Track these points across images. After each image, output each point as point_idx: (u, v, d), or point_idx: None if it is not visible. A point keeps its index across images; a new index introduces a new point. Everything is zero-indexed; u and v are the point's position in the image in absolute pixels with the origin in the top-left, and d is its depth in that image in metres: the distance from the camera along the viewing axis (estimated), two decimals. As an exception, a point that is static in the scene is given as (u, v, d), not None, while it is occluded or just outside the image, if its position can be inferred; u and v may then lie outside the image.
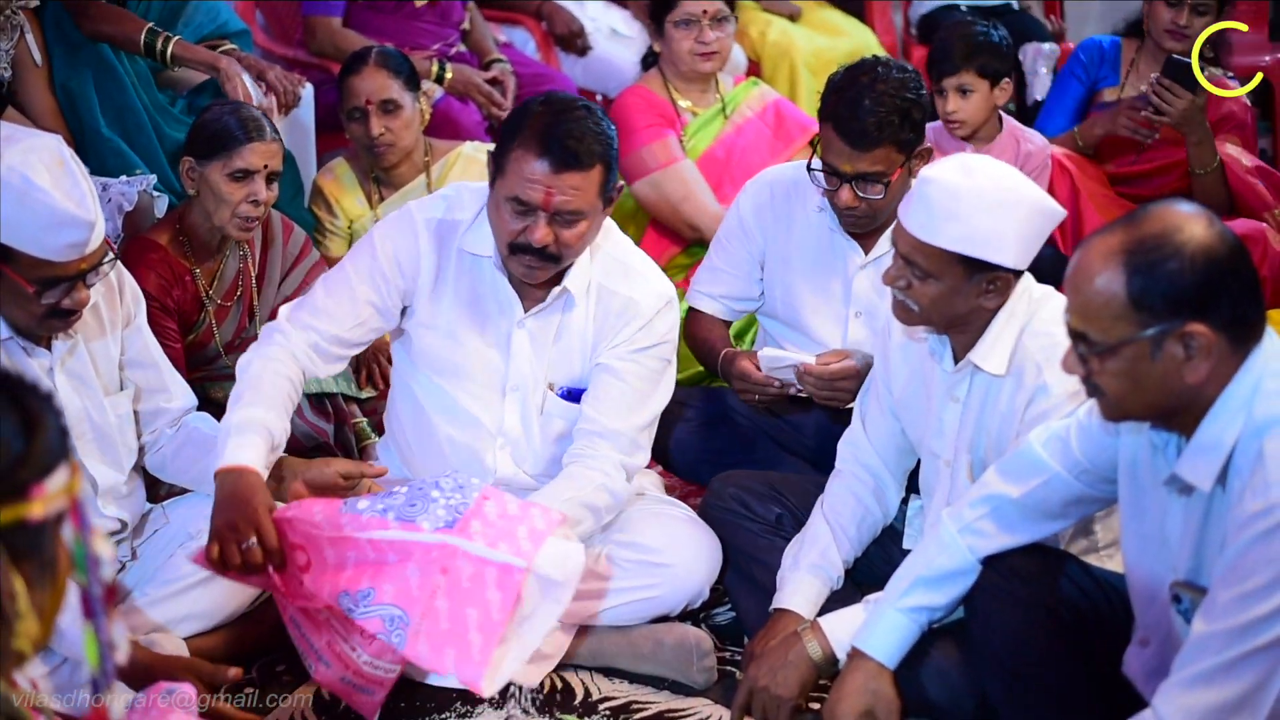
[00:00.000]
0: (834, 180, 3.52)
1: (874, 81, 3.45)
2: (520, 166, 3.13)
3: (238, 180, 3.78)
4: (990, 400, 3.01)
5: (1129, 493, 2.59)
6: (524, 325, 3.35)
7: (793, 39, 6.09)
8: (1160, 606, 2.54)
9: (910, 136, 3.47)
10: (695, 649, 3.30)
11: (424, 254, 3.34)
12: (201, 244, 3.92)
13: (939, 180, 2.88)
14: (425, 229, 3.34)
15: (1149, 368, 2.32)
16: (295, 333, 3.30)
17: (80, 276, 3.00)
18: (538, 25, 5.84)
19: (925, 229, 2.88)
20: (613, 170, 3.21)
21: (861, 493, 3.29)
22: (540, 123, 3.13)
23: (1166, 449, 2.46)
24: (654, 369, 3.38)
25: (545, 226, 3.15)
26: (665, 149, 4.75)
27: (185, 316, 3.90)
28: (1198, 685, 2.31)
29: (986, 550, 2.81)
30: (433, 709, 3.22)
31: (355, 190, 4.57)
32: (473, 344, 3.37)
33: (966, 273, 2.89)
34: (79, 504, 1.64)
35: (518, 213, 3.15)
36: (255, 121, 3.80)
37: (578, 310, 3.34)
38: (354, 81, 4.45)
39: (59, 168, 2.92)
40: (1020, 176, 2.97)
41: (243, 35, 4.58)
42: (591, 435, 3.33)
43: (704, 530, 3.44)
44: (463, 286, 3.35)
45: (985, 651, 2.82)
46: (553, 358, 3.38)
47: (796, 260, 3.73)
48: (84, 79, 4.17)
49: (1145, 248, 2.31)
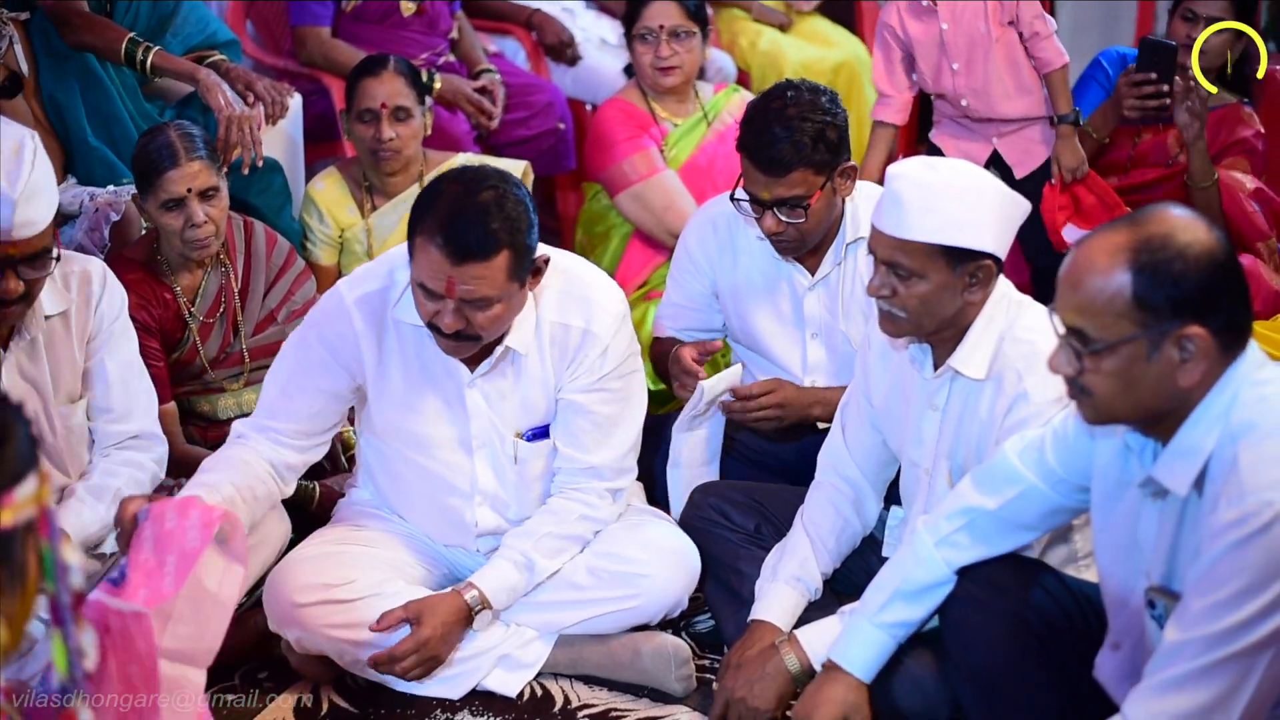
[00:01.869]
0: (757, 208, 3.55)
1: (784, 107, 3.48)
2: (423, 255, 3.04)
3: (171, 210, 3.77)
4: (969, 408, 3.02)
5: (1102, 497, 2.60)
6: (474, 386, 3.29)
7: (782, 49, 6.09)
8: (1132, 611, 2.55)
9: (825, 157, 3.49)
10: (673, 657, 3.32)
11: (360, 334, 3.26)
12: (180, 262, 3.90)
13: (907, 176, 2.91)
14: (356, 308, 3.26)
15: (1144, 369, 2.32)
16: (256, 436, 3.26)
17: (8, 263, 3.00)
18: (528, 35, 5.83)
19: (902, 226, 2.90)
20: (525, 250, 3.08)
21: (841, 504, 3.30)
22: (443, 208, 3.04)
23: (1142, 453, 2.47)
24: (619, 392, 3.33)
25: (453, 314, 3.06)
26: (646, 160, 4.75)
27: (168, 335, 3.88)
28: (1169, 690, 2.32)
29: (962, 562, 2.82)
30: (413, 715, 3.24)
31: (347, 199, 4.57)
32: (429, 410, 3.31)
33: (950, 265, 2.91)
34: (48, 513, 1.65)
35: (426, 297, 3.09)
36: (169, 147, 3.75)
37: (530, 358, 3.27)
38: (370, 84, 4.42)
39: (12, 153, 2.95)
40: (982, 169, 3.04)
41: (232, 45, 4.59)
42: (573, 474, 3.34)
43: (683, 540, 3.44)
44: (408, 354, 3.29)
45: (959, 661, 2.83)
46: (513, 407, 3.32)
47: (745, 289, 3.77)
48: (70, 89, 4.18)
49: (1151, 247, 2.31)
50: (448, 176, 3.17)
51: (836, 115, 3.52)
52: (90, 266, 3.32)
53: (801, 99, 3.50)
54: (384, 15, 5.13)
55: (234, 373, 4.00)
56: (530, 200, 3.13)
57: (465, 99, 5.14)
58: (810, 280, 3.68)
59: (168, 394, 3.80)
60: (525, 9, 5.84)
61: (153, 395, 3.46)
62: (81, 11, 4.19)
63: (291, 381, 3.30)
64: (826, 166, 3.49)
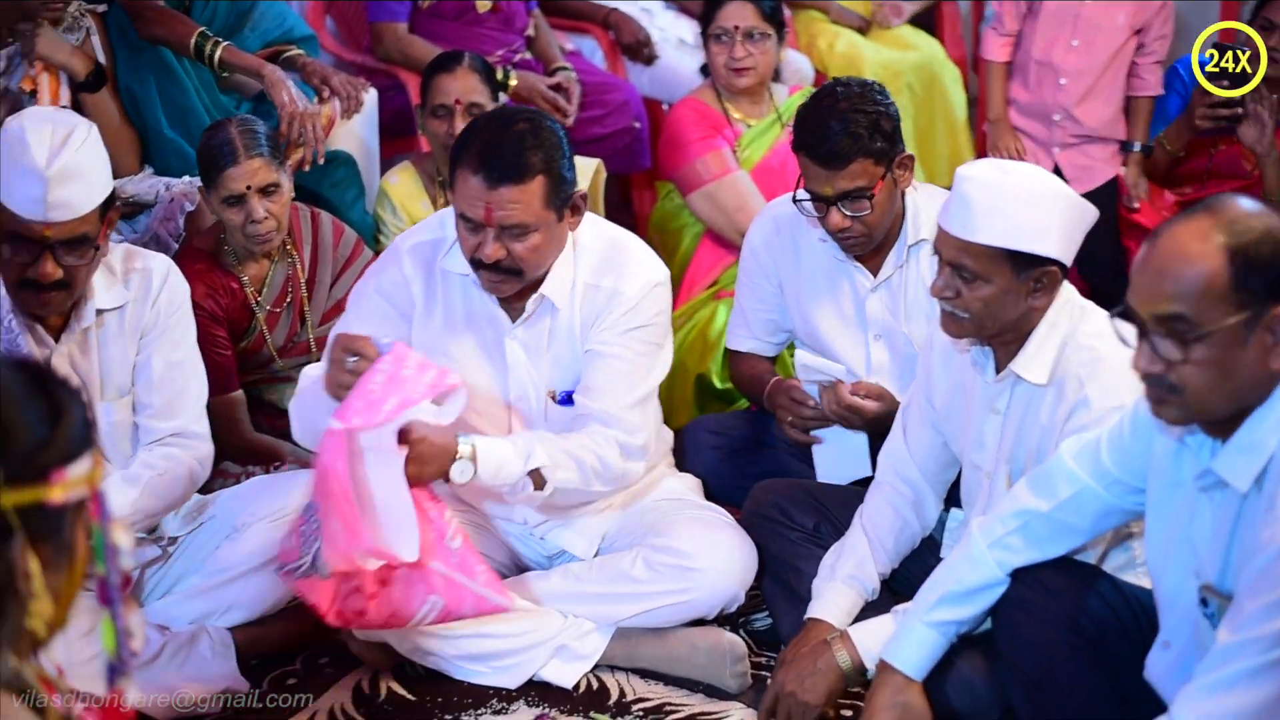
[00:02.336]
0: (820, 206, 3.55)
1: (836, 102, 3.49)
2: (462, 184, 3.15)
3: (232, 206, 3.83)
4: (1030, 412, 3.01)
5: (1157, 494, 2.58)
6: (515, 337, 3.35)
7: (860, 51, 6.08)
8: (1184, 609, 2.53)
9: (883, 146, 3.49)
10: (729, 653, 3.34)
11: (411, 279, 3.35)
12: (246, 253, 3.96)
13: (977, 178, 2.90)
14: (408, 255, 3.36)
15: (1239, 355, 2.28)
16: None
17: (45, 244, 3.04)
18: (605, 34, 5.86)
19: (969, 228, 2.90)
20: (562, 179, 3.19)
21: (900, 505, 3.30)
22: (479, 139, 3.16)
23: (1199, 451, 2.45)
24: (641, 351, 3.35)
25: (494, 242, 3.15)
26: (719, 160, 4.76)
27: (235, 324, 3.94)
28: (1219, 691, 2.29)
29: (1015, 564, 2.81)
30: (470, 704, 3.27)
31: (421, 193, 4.61)
32: (469, 362, 3.36)
33: (1014, 270, 2.90)
34: (99, 494, 1.69)
35: (469, 230, 3.17)
36: (229, 145, 3.81)
37: (563, 314, 3.33)
38: (445, 80, 4.46)
39: (61, 135, 3.01)
40: (1052, 175, 3.02)
41: (310, 40, 4.64)
42: (587, 420, 3.34)
43: (739, 535, 3.46)
44: (452, 306, 3.36)
45: (1010, 663, 2.83)
46: (548, 364, 3.38)
47: (808, 290, 3.76)
48: (146, 82, 4.25)
49: (1239, 230, 2.27)
50: (481, 117, 3.32)
51: (888, 105, 3.53)
52: (153, 263, 3.35)
53: (851, 93, 3.51)
54: (460, 12, 5.17)
55: (301, 362, 4.02)
56: (565, 134, 3.24)
57: (540, 96, 5.17)
58: (872, 282, 3.67)
59: (235, 382, 3.86)
60: (603, 8, 5.87)
61: (202, 395, 3.45)
62: (155, 5, 4.26)
63: (353, 331, 3.32)
64: (885, 156, 3.49)
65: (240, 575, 3.32)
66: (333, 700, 3.30)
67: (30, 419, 1.62)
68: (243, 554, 3.32)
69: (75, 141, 3.02)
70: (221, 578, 3.33)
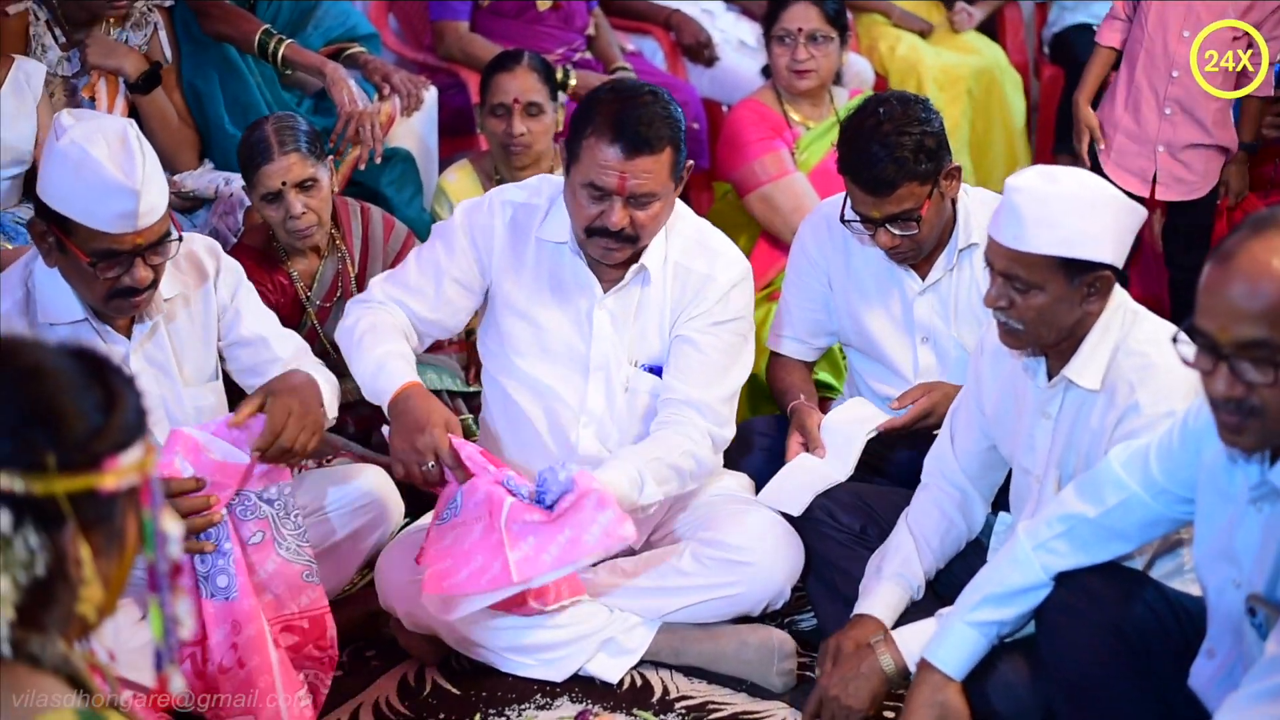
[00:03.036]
0: (869, 226, 3.56)
1: (879, 124, 3.47)
2: (594, 154, 3.23)
3: (271, 203, 3.87)
4: (1081, 417, 3.01)
5: (1206, 504, 2.57)
6: (604, 305, 3.42)
7: (921, 55, 6.08)
8: (1230, 618, 2.52)
9: (928, 167, 3.48)
10: (778, 650, 3.35)
11: (497, 231, 3.45)
12: (294, 248, 4.00)
13: (1026, 189, 2.89)
14: (501, 209, 3.46)
15: None
16: (392, 305, 3.43)
17: (137, 252, 3.05)
18: (666, 35, 5.88)
19: (1020, 239, 2.89)
20: (682, 151, 3.31)
21: (947, 506, 3.31)
22: (610, 110, 3.25)
23: (1249, 463, 2.42)
24: (731, 343, 3.45)
25: (621, 210, 3.25)
26: (777, 162, 4.77)
27: (287, 320, 3.89)
28: (1264, 701, 2.28)
29: (1059, 568, 2.81)
30: (514, 699, 3.30)
31: (478, 191, 4.63)
32: (555, 326, 3.45)
33: (1068, 277, 2.89)
34: (150, 482, 1.72)
35: (594, 198, 3.26)
36: (264, 142, 3.84)
37: (655, 287, 3.42)
38: (504, 79, 4.51)
39: (119, 144, 3.00)
40: (1099, 178, 3.00)
41: (372, 39, 4.69)
42: (678, 404, 3.40)
43: (786, 530, 3.47)
44: (542, 272, 3.45)
45: (1053, 668, 2.83)
46: (633, 335, 3.45)
47: (857, 291, 3.77)
48: (210, 78, 4.30)
49: None
50: (600, 89, 3.42)
51: (932, 121, 3.51)
52: (194, 245, 3.36)
53: (894, 113, 3.49)
54: (520, 10, 5.21)
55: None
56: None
57: (600, 96, 5.19)
58: (921, 285, 3.68)
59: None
60: (664, 9, 5.89)
61: (302, 342, 3.49)
62: (220, 2, 4.31)
63: (430, 264, 3.46)
64: (931, 175, 3.49)
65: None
66: (378, 693, 3.33)
67: (85, 407, 1.64)
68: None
69: (135, 144, 3.02)
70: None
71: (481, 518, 3.10)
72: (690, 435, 3.37)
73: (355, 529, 3.43)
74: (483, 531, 3.08)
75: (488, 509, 3.09)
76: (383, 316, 3.39)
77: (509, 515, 3.07)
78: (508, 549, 3.05)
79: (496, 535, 3.06)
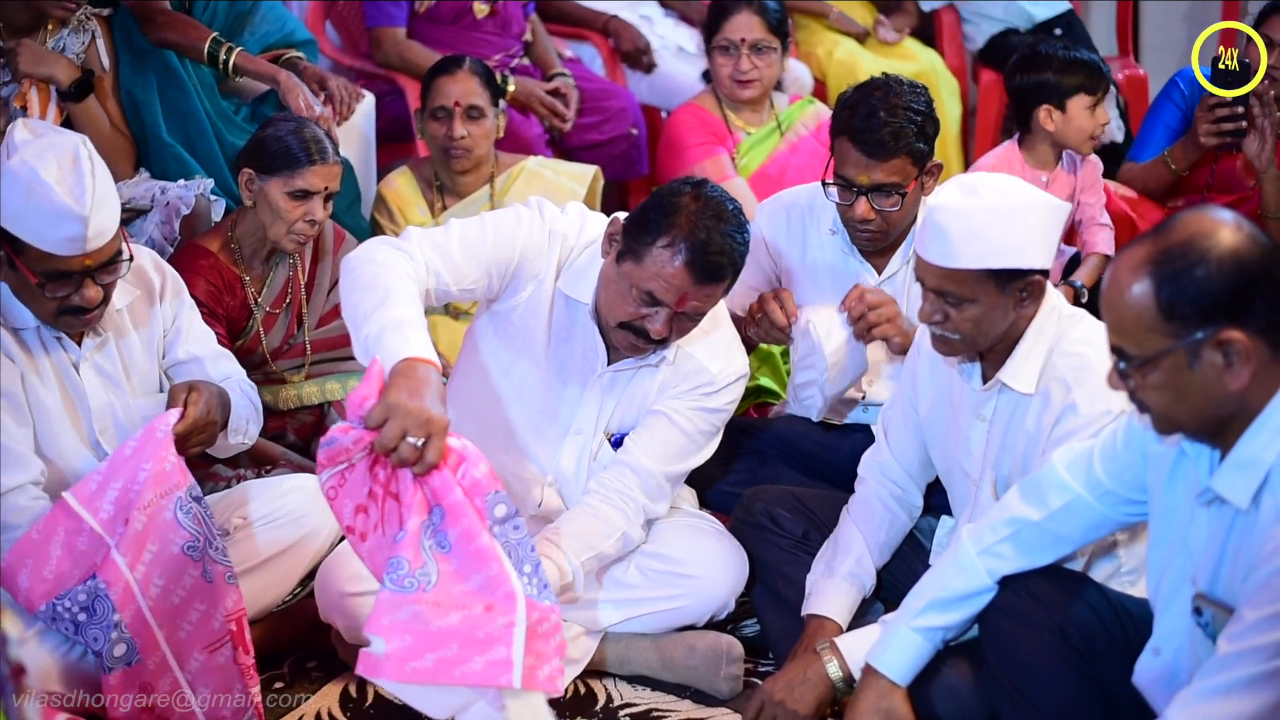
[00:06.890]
0: (849, 194, 3.55)
1: (887, 95, 3.50)
2: (661, 265, 3.12)
3: (297, 199, 3.84)
4: (1016, 420, 3.03)
5: (1156, 503, 2.60)
6: (602, 377, 3.36)
7: (859, 59, 6.08)
8: (1177, 616, 2.54)
9: (924, 148, 3.51)
10: (726, 654, 3.34)
11: (545, 255, 3.30)
12: (252, 252, 3.98)
13: (948, 206, 2.90)
14: (550, 239, 3.31)
15: (1189, 378, 2.31)
16: (421, 260, 3.16)
17: (86, 273, 3.04)
18: (604, 41, 5.87)
19: (948, 256, 2.90)
20: (739, 273, 3.22)
21: (887, 500, 3.34)
22: (690, 226, 3.11)
23: (1198, 459, 2.46)
24: (704, 430, 3.40)
25: (667, 321, 3.17)
26: (716, 166, 4.77)
27: (233, 323, 3.95)
28: (1215, 697, 2.30)
29: (1004, 571, 2.83)
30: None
31: (418, 198, 4.63)
32: (549, 376, 3.37)
33: (999, 286, 2.91)
34: None
35: (644, 302, 3.16)
36: (319, 143, 3.85)
37: (656, 368, 3.37)
38: (445, 82, 4.50)
39: (70, 164, 2.98)
40: (1019, 181, 3.02)
41: (309, 45, 4.65)
42: (624, 467, 3.36)
43: (730, 543, 3.47)
44: (558, 320, 3.35)
45: (997, 671, 2.83)
46: (617, 408, 3.39)
47: (810, 282, 3.74)
48: (148, 85, 4.24)
49: (1171, 256, 2.29)
50: (685, 188, 3.19)
51: (933, 113, 3.55)
52: (141, 259, 3.32)
53: (903, 89, 3.53)
54: (457, 16, 5.19)
55: (296, 364, 4.07)
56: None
57: (538, 101, 5.18)
58: (876, 279, 3.67)
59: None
60: (603, 15, 5.88)
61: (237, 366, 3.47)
62: (164, 9, 4.26)
63: (477, 243, 3.24)
64: (923, 159, 3.52)
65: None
66: (319, 704, 3.30)
67: None
68: (233, 558, 3.32)
69: (85, 166, 3.00)
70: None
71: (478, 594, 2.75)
72: (626, 512, 3.34)
73: (296, 539, 3.40)
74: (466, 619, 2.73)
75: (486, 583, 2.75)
76: (419, 274, 3.10)
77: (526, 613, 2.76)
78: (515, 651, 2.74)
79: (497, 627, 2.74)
